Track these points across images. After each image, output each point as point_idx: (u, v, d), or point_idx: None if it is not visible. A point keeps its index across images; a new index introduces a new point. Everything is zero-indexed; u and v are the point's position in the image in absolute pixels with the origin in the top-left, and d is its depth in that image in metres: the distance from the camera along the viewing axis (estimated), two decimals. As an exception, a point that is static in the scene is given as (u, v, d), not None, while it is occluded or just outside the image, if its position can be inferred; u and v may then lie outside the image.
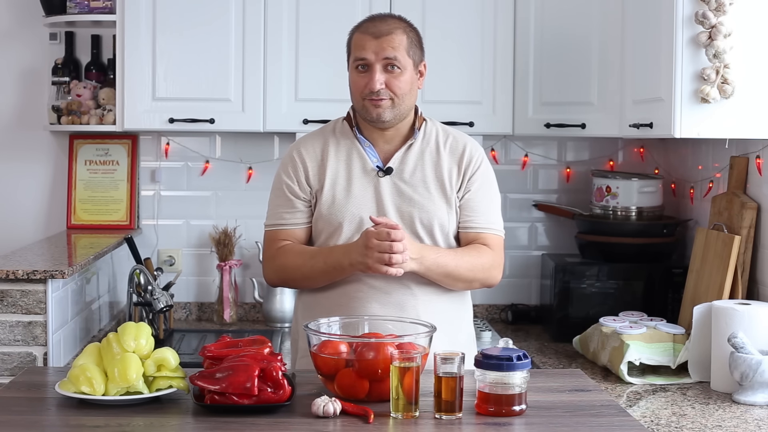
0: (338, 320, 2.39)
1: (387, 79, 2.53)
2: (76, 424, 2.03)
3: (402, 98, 2.55)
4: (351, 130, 2.63)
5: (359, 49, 2.55)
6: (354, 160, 2.60)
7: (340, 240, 2.57)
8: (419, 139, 2.62)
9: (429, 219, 2.57)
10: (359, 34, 2.57)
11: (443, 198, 2.59)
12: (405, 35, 2.55)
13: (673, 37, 2.89)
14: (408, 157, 2.60)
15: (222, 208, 4.00)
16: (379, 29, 2.54)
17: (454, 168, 2.61)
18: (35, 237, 3.92)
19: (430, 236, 2.58)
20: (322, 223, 2.60)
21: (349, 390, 2.14)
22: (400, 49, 2.53)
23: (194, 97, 3.64)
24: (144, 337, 2.19)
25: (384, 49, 2.52)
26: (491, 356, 2.10)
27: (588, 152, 4.04)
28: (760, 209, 3.07)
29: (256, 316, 4.02)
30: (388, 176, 2.59)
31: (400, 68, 2.53)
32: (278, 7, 3.62)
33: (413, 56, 2.57)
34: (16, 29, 3.96)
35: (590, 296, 3.53)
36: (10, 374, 2.90)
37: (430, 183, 2.59)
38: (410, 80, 2.56)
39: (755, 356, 2.64)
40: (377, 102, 2.53)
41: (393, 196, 2.57)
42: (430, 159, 2.61)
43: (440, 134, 2.65)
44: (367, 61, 2.53)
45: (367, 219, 2.52)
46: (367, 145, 2.61)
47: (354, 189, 2.58)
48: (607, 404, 2.21)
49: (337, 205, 2.57)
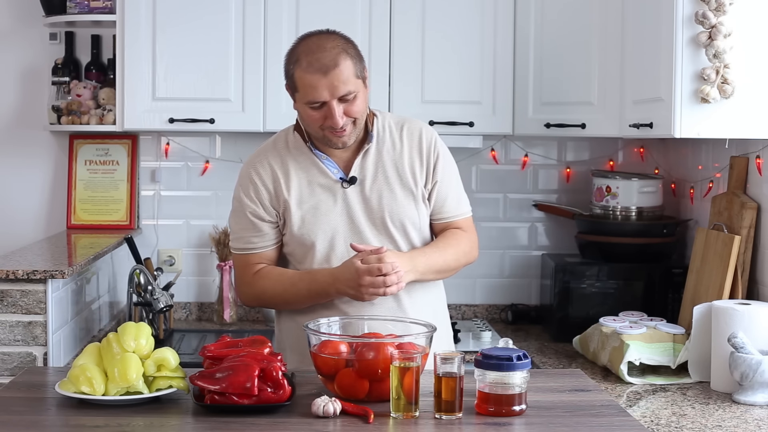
0: (338, 320, 2.39)
1: (345, 109, 2.46)
2: (76, 424, 2.03)
3: (361, 117, 2.52)
4: (305, 144, 2.58)
5: (311, 90, 2.43)
6: (315, 175, 2.56)
7: (315, 258, 2.55)
8: (374, 139, 2.59)
9: (400, 219, 2.57)
10: (305, 74, 2.43)
11: (410, 195, 2.58)
12: (349, 58, 2.45)
13: (673, 37, 2.89)
14: (367, 161, 2.58)
15: (222, 208, 4.00)
16: (323, 63, 2.42)
17: (416, 159, 2.60)
18: (35, 237, 3.92)
19: (404, 235, 2.58)
20: (294, 243, 2.57)
21: (349, 390, 2.15)
22: (350, 79, 2.44)
23: (194, 97, 3.64)
24: (144, 337, 2.19)
25: (336, 87, 2.42)
26: (491, 356, 2.10)
27: (588, 152, 4.04)
28: (760, 209, 3.07)
29: (256, 316, 4.02)
30: (353, 186, 2.56)
31: (354, 94, 2.46)
32: (278, 7, 3.62)
33: (360, 75, 2.49)
34: (16, 29, 3.96)
35: (590, 296, 3.53)
36: (10, 374, 2.90)
37: (394, 183, 2.58)
38: (364, 98, 2.51)
39: (755, 356, 2.64)
40: (339, 133, 2.48)
41: (361, 204, 2.56)
42: (390, 157, 2.59)
43: (393, 127, 2.62)
44: (321, 101, 2.44)
45: (341, 232, 2.53)
46: (324, 158, 2.57)
47: (321, 205, 2.55)
48: (607, 404, 2.22)
49: (308, 224, 2.54)
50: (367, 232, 2.56)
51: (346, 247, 2.54)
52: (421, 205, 2.61)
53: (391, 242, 2.57)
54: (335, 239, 2.55)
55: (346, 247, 2.54)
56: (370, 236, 2.56)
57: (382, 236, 2.56)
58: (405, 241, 2.59)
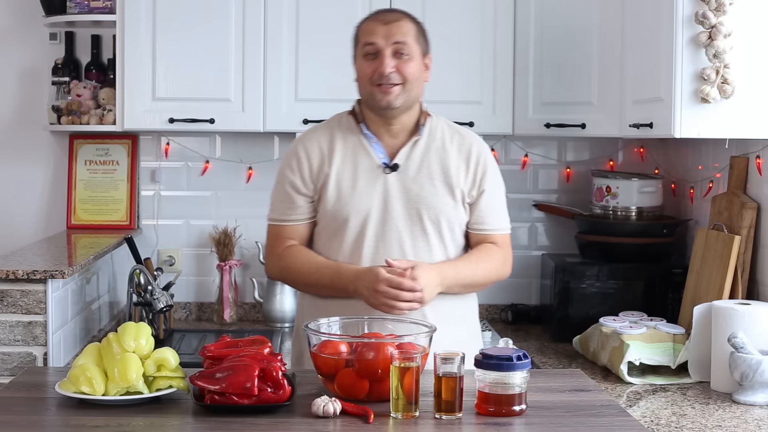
0: (338, 320, 2.39)
1: (397, 64, 2.55)
2: (76, 424, 2.03)
3: (412, 83, 2.57)
4: (357, 125, 2.64)
5: (368, 34, 2.58)
6: (360, 156, 2.61)
7: (344, 238, 2.58)
8: (425, 134, 2.63)
9: (437, 214, 2.58)
10: (368, 22, 2.61)
11: (450, 194, 2.60)
12: (413, 24, 2.60)
13: (673, 37, 2.89)
14: (414, 153, 2.61)
15: (222, 208, 4.00)
16: (387, 17, 2.59)
17: (462, 166, 2.62)
18: (35, 237, 3.92)
19: (437, 231, 2.59)
20: (327, 218, 2.60)
21: (349, 390, 2.15)
22: (409, 36, 2.57)
23: (194, 97, 3.64)
24: (144, 337, 2.19)
25: (393, 34, 2.55)
26: (491, 356, 2.10)
27: (588, 152, 4.04)
28: (760, 209, 3.07)
29: (256, 316, 4.02)
30: (394, 173, 2.59)
31: (409, 54, 2.56)
32: (278, 8, 3.62)
33: (421, 45, 2.60)
34: (16, 29, 3.96)
35: (590, 296, 3.53)
36: (10, 374, 2.90)
37: (436, 179, 2.60)
38: (419, 67, 2.59)
39: (755, 356, 2.64)
40: (387, 89, 2.54)
41: (400, 193, 2.58)
42: (437, 155, 2.61)
43: (446, 131, 2.66)
44: (376, 46, 2.55)
45: (374, 215, 2.55)
46: (373, 140, 2.62)
47: (360, 185, 2.58)
48: (607, 404, 2.22)
49: (343, 200, 2.58)
50: (399, 220, 2.57)
51: (376, 231, 2.56)
52: (460, 207, 2.62)
53: (423, 235, 2.58)
54: (367, 222, 2.56)
55: (375, 232, 2.56)
56: (402, 225, 2.57)
57: (415, 228, 2.58)
58: (437, 236, 2.59)
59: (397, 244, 2.57)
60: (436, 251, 2.60)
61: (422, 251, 2.58)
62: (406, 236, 2.57)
